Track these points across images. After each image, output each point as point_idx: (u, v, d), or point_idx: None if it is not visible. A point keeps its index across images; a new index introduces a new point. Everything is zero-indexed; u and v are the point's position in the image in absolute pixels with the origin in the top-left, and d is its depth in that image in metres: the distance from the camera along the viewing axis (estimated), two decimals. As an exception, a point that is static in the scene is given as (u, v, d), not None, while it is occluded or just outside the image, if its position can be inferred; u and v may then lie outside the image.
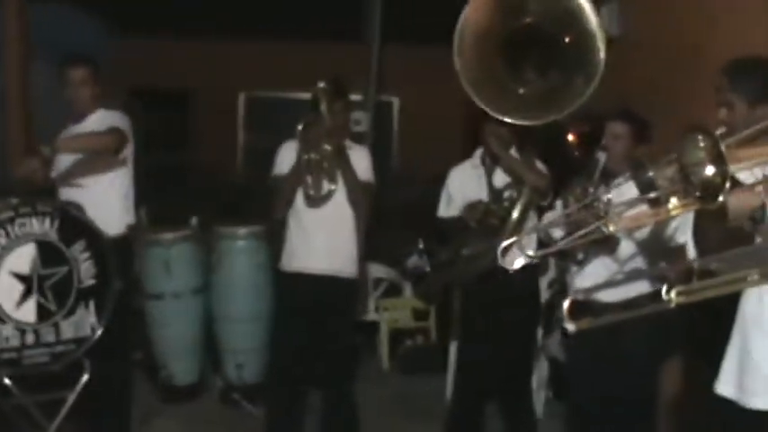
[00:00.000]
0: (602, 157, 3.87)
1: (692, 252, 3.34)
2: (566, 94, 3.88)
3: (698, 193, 2.32)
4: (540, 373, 5.18)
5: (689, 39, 4.74)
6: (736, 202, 2.34)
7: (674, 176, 2.85)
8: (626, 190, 3.70)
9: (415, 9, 7.06)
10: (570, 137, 4.18)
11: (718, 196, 2.30)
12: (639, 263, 3.88)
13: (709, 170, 2.28)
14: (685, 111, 4.32)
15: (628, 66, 4.83)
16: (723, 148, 2.21)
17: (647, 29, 5.28)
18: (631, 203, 3.60)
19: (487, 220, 4.35)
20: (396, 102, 10.24)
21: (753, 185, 2.45)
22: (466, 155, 4.75)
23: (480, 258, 4.27)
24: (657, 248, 3.80)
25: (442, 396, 5.56)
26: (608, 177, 3.87)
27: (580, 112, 3.86)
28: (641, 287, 3.91)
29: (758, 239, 2.60)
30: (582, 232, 3.52)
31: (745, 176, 2.51)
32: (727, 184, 2.22)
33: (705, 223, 2.64)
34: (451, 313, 5.60)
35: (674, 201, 2.58)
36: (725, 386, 2.69)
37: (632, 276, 3.92)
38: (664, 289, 2.00)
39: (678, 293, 1.95)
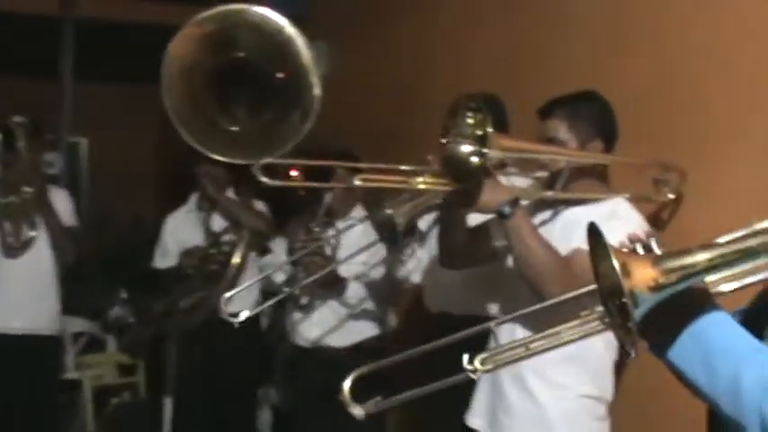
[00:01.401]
0: (327, 196, 3.80)
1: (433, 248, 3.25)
2: (282, 132, 3.76)
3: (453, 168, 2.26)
4: (262, 422, 5.03)
5: (406, 79, 4.83)
6: (488, 191, 2.30)
7: (410, 209, 2.80)
8: (351, 231, 3.65)
9: (105, 47, 6.69)
10: (292, 174, 4.06)
11: (472, 175, 2.25)
12: (368, 305, 3.83)
13: (468, 147, 2.25)
14: (403, 150, 4.37)
15: (344, 105, 4.82)
16: (490, 129, 2.19)
17: (360, 69, 5.33)
18: (368, 246, 3.53)
19: (206, 267, 4.15)
20: (84, 142, 9.64)
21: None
22: (163, 197, 4.50)
23: (200, 308, 4.04)
24: (388, 289, 3.78)
25: (156, 455, 5.21)
26: (331, 216, 3.81)
27: (305, 149, 3.76)
28: (368, 330, 3.87)
29: (508, 260, 2.57)
30: (315, 276, 3.42)
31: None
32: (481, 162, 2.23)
33: (449, 215, 2.62)
34: (163, 367, 5.27)
35: (427, 177, 2.52)
36: (476, 419, 2.66)
37: (361, 319, 3.86)
38: (465, 358, 1.65)
39: (483, 361, 1.62)
